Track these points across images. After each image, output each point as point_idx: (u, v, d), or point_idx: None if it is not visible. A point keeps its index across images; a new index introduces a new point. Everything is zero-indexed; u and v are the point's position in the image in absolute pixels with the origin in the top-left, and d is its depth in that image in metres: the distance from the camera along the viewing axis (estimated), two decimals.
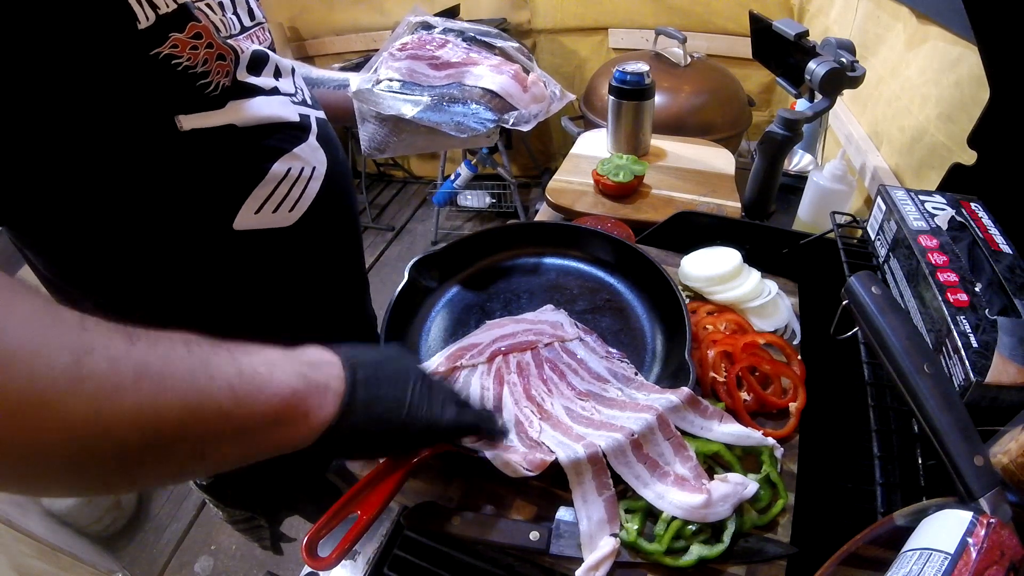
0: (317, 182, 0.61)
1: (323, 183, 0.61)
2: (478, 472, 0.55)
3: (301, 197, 0.59)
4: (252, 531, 0.89)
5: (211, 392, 0.33)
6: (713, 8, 2.13)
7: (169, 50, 0.45)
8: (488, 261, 0.77)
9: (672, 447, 0.53)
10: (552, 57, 2.53)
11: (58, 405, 0.27)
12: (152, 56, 0.44)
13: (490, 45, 0.70)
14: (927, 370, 0.42)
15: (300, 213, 0.59)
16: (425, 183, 3.21)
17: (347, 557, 0.49)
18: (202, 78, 0.48)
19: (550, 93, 0.70)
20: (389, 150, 0.69)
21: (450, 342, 0.66)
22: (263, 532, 0.89)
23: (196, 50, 0.47)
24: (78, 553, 1.47)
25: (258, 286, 0.61)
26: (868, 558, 0.41)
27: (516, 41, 0.73)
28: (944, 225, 0.59)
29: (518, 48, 0.72)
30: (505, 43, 0.71)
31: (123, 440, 0.30)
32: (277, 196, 0.56)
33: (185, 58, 0.46)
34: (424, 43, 0.68)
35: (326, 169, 0.62)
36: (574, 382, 0.60)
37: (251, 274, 0.59)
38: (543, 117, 0.68)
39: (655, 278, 0.69)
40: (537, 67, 0.72)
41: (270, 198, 0.56)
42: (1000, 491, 0.37)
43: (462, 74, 0.67)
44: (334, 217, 0.66)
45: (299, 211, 0.59)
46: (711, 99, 1.56)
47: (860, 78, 0.87)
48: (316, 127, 0.62)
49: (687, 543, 0.48)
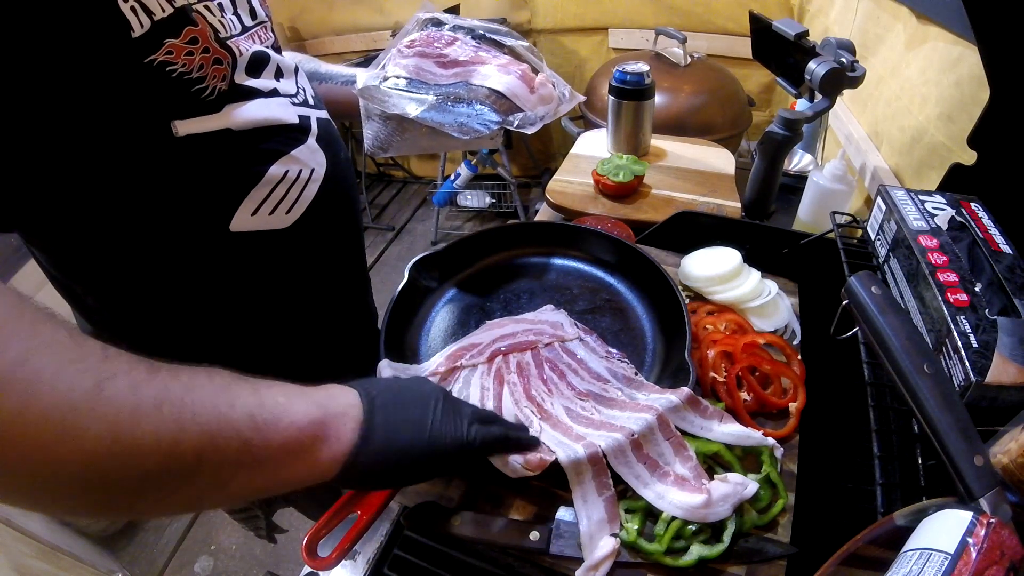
0: (316, 184, 0.60)
1: (322, 184, 0.61)
2: (478, 472, 0.55)
3: (299, 199, 0.58)
4: (248, 520, 0.91)
5: (231, 420, 0.34)
6: (713, 8, 2.13)
7: (164, 57, 0.45)
8: (488, 261, 0.77)
9: (672, 447, 0.53)
10: (552, 57, 2.53)
11: (78, 428, 0.28)
12: (147, 64, 0.44)
13: (500, 44, 0.69)
14: (927, 370, 0.42)
15: (297, 215, 0.59)
16: (425, 183, 3.22)
17: (347, 557, 0.49)
18: (197, 83, 0.48)
19: (558, 94, 0.69)
20: (392, 149, 0.68)
21: (450, 342, 0.66)
22: (259, 522, 0.90)
23: (192, 55, 0.47)
24: (78, 553, 1.47)
25: (258, 286, 0.61)
26: (868, 558, 0.41)
27: (526, 40, 0.72)
28: (944, 225, 0.59)
29: (528, 47, 0.71)
30: (515, 42, 0.70)
31: (142, 466, 0.30)
32: (274, 198, 0.56)
33: (180, 64, 0.46)
34: (432, 40, 0.68)
35: (325, 171, 0.61)
36: (574, 382, 0.60)
37: (249, 274, 0.59)
38: (550, 119, 0.67)
39: (655, 278, 0.69)
40: (547, 67, 0.71)
41: (266, 200, 0.55)
42: (1000, 491, 0.37)
43: (469, 73, 0.66)
44: (334, 218, 0.65)
45: (296, 213, 0.59)
46: (711, 99, 1.56)
47: (860, 78, 0.87)
48: (316, 128, 0.61)
49: (687, 543, 0.48)
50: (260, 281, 0.61)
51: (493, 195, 2.83)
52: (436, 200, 2.75)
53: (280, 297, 0.64)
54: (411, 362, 0.63)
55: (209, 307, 0.59)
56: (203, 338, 0.62)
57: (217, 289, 0.58)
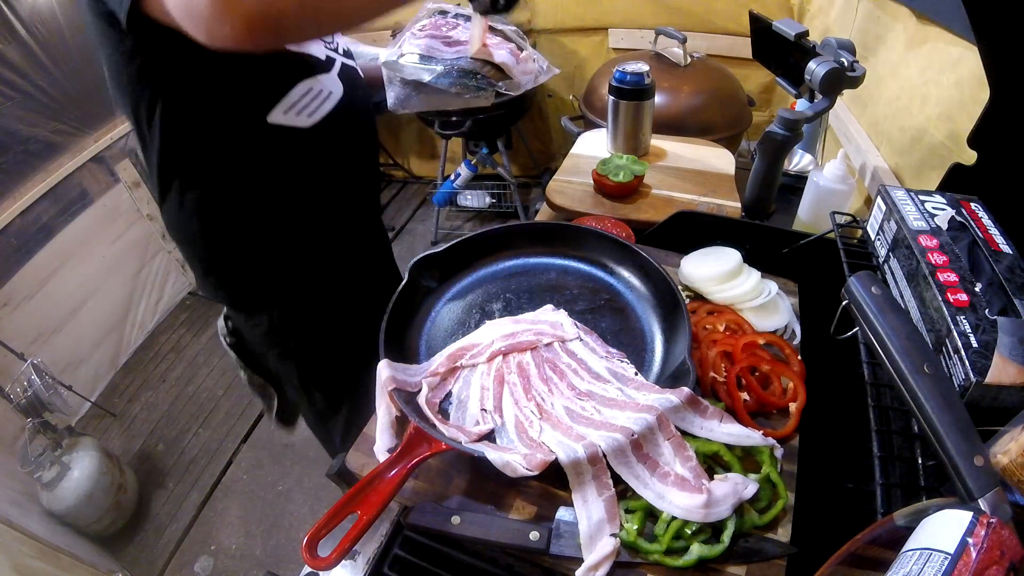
0: (332, 102, 0.81)
1: (337, 104, 0.81)
2: (478, 472, 0.55)
3: (317, 109, 0.79)
4: (264, 398, 1.09)
5: None
6: (713, 8, 2.13)
7: None
8: (488, 261, 0.77)
9: (672, 447, 0.53)
10: (552, 57, 2.52)
11: None
12: None
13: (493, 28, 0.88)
14: (927, 370, 0.42)
15: (316, 120, 0.79)
16: (425, 183, 3.21)
17: (347, 557, 0.49)
18: None
19: (538, 67, 0.90)
20: (410, 107, 0.89)
21: (450, 342, 0.66)
22: (271, 401, 1.09)
23: None
24: (78, 553, 1.47)
25: (290, 173, 0.81)
26: (868, 558, 0.41)
27: (513, 25, 0.94)
28: (944, 225, 0.59)
29: (515, 31, 0.93)
30: (505, 27, 0.91)
31: None
32: (300, 104, 0.77)
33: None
34: (439, 25, 0.88)
35: (341, 96, 0.82)
36: (574, 382, 0.60)
37: (281, 160, 0.79)
38: (531, 86, 0.89)
39: (655, 278, 0.69)
40: (529, 46, 0.93)
41: (295, 105, 0.76)
42: (1000, 491, 0.37)
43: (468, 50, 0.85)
44: (345, 131, 0.85)
45: (315, 118, 0.79)
46: (711, 99, 1.56)
47: (860, 78, 0.87)
48: (339, 67, 0.83)
49: (687, 543, 0.48)
50: (291, 169, 0.81)
51: (493, 195, 2.82)
52: (436, 200, 2.75)
53: (307, 187, 0.84)
54: (411, 362, 0.63)
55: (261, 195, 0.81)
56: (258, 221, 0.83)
57: (259, 173, 0.79)
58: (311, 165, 0.83)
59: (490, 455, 0.50)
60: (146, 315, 2.37)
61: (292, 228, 0.86)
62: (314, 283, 0.93)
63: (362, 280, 1.01)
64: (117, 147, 2.16)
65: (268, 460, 1.90)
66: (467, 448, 0.52)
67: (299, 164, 0.82)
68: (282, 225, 0.85)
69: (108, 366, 2.22)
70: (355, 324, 0.97)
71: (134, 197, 2.25)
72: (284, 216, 0.84)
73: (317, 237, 0.90)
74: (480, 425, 0.56)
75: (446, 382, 0.62)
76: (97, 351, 2.16)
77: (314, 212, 0.87)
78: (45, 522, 1.56)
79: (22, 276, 1.88)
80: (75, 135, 2.00)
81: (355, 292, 0.99)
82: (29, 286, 1.89)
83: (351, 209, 0.96)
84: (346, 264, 0.98)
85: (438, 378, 0.61)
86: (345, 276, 0.98)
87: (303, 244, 0.88)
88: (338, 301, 0.97)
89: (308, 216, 0.87)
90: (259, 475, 1.86)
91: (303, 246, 0.89)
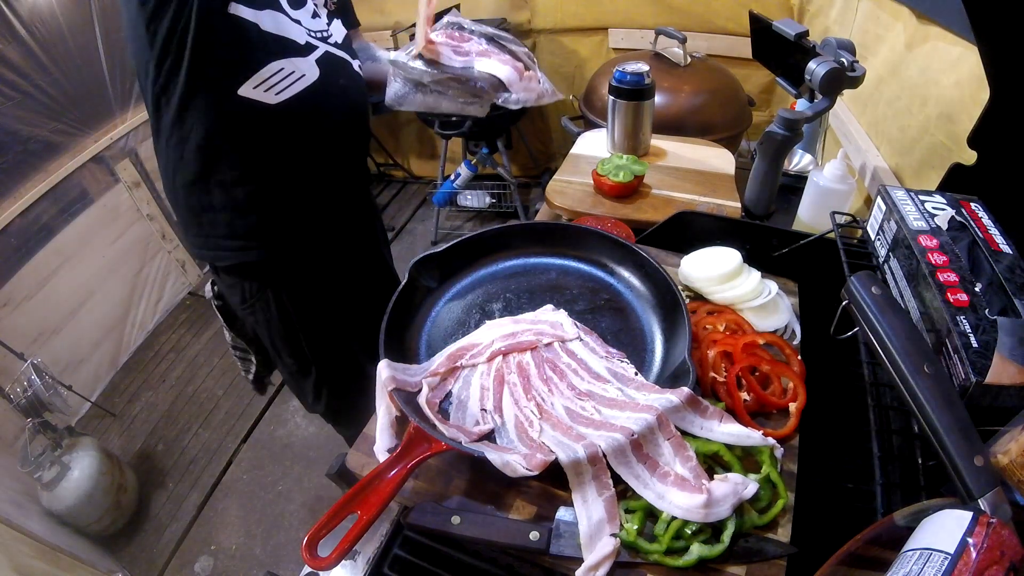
0: (302, 84, 0.85)
1: (308, 87, 0.86)
2: (478, 472, 0.55)
3: (286, 89, 0.84)
4: (243, 361, 1.13)
5: None
6: (713, 8, 2.13)
7: None
8: (488, 261, 0.77)
9: (672, 447, 0.53)
10: (552, 57, 2.53)
11: None
12: None
13: (503, 46, 0.92)
14: (927, 370, 0.42)
15: (283, 99, 0.84)
16: (425, 183, 3.21)
17: (347, 557, 0.49)
18: None
19: (542, 89, 0.90)
20: (406, 104, 0.92)
21: (450, 342, 0.66)
22: (250, 366, 1.14)
23: None
24: (78, 553, 1.47)
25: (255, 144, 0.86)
26: (868, 558, 0.41)
27: (524, 46, 0.93)
28: (944, 225, 0.59)
29: (526, 52, 0.93)
30: (517, 48, 0.92)
31: None
32: (271, 82, 0.82)
33: None
34: (453, 36, 0.92)
35: (315, 80, 0.86)
36: (574, 382, 0.60)
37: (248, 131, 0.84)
38: (531, 104, 0.89)
39: (655, 278, 0.69)
40: (538, 69, 0.92)
41: (266, 81, 0.81)
42: (1000, 491, 0.37)
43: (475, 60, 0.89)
44: (317, 113, 0.90)
45: (282, 96, 0.84)
46: (711, 99, 1.56)
47: (860, 78, 0.87)
48: (321, 54, 0.87)
49: (687, 543, 0.48)
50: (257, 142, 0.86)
51: (493, 195, 2.82)
52: (436, 200, 2.75)
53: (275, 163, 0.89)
54: (411, 362, 0.63)
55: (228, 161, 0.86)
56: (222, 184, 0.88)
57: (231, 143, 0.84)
58: (277, 142, 0.88)
59: (490, 455, 0.50)
60: (146, 315, 2.38)
61: (256, 200, 0.90)
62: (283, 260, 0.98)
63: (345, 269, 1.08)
64: (117, 147, 2.16)
65: (268, 460, 1.90)
66: (467, 448, 0.52)
67: (265, 139, 0.87)
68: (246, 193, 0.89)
69: (108, 366, 2.22)
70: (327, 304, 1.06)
71: (134, 197, 2.25)
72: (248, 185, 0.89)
73: (285, 216, 0.94)
74: (480, 425, 0.57)
75: (446, 382, 0.62)
76: (97, 351, 2.16)
77: (281, 187, 0.91)
78: (45, 522, 1.56)
79: (22, 276, 1.88)
80: (75, 135, 2.00)
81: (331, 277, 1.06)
82: (29, 286, 1.89)
83: (328, 191, 0.99)
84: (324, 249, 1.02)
85: (438, 378, 0.61)
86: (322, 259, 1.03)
87: (268, 219, 0.93)
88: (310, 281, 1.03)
89: (274, 189, 0.91)
90: (259, 475, 1.86)
91: (268, 221, 0.93)
